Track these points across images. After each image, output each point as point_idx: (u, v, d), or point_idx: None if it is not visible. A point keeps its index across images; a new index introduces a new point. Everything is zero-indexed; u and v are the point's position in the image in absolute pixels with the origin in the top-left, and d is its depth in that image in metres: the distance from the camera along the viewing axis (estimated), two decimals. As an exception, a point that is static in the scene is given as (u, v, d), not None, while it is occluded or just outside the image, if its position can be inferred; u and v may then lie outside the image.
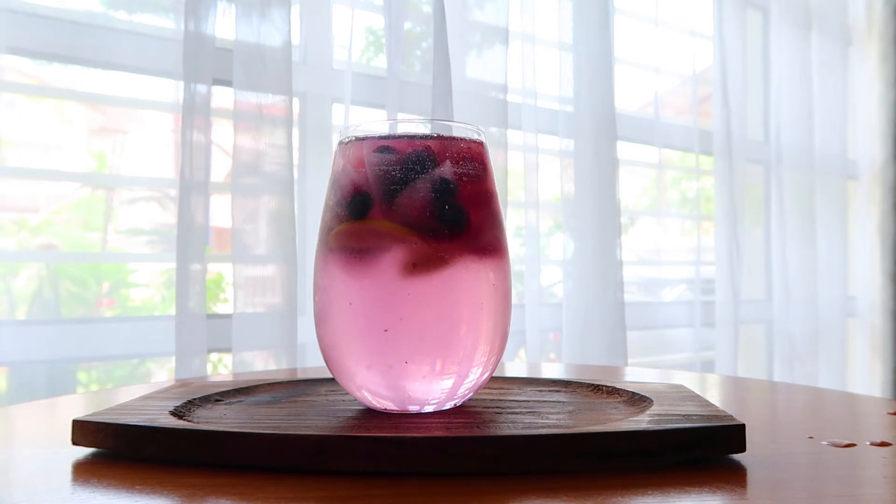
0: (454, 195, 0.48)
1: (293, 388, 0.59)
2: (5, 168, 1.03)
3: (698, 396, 0.50)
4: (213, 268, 1.28)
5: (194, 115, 1.00)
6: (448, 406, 0.49)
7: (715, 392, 0.70)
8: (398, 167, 0.47)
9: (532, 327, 1.39)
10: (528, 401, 0.52)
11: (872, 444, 0.45)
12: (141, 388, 0.67)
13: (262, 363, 1.05)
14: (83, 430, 0.44)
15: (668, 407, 0.46)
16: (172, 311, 1.02)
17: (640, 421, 0.42)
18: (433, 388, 0.47)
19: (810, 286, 1.90)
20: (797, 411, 0.63)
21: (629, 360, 1.49)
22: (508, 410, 0.49)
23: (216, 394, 0.54)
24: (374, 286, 0.46)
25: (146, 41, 1.10)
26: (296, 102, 1.22)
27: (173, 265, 1.01)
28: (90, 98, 1.16)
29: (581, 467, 0.39)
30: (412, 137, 0.48)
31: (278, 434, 0.40)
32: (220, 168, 1.16)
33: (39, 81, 1.14)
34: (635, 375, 0.82)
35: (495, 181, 0.52)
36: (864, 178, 2.18)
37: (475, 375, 0.48)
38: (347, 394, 0.54)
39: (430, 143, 0.48)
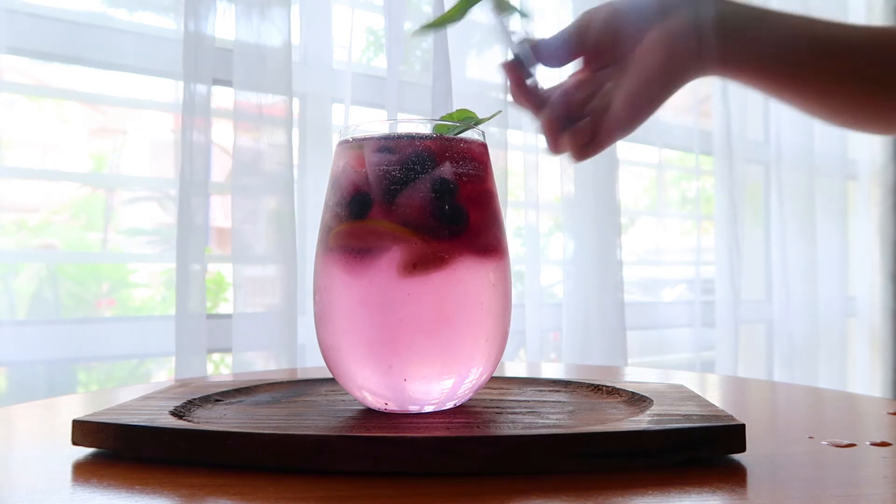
0: (454, 195, 0.48)
1: (293, 388, 0.59)
2: (5, 168, 1.03)
3: (698, 396, 0.50)
4: (215, 268, 1.28)
5: (194, 115, 1.00)
6: (448, 406, 0.49)
7: (715, 392, 0.70)
8: (398, 167, 0.47)
9: (532, 327, 1.39)
10: (528, 401, 0.52)
11: (872, 444, 0.45)
12: (141, 388, 0.67)
13: (262, 363, 1.05)
14: (83, 430, 0.44)
15: (668, 407, 0.46)
16: (172, 311, 1.02)
17: (640, 421, 0.42)
18: (433, 388, 0.47)
19: (810, 286, 1.90)
20: (797, 411, 0.63)
21: (629, 360, 1.49)
22: (508, 410, 0.49)
23: (216, 394, 0.54)
24: (374, 286, 0.46)
25: (146, 41, 1.10)
26: (296, 102, 1.22)
27: (173, 265, 1.01)
28: (90, 98, 1.16)
29: (581, 467, 0.39)
30: (412, 137, 0.48)
31: (278, 434, 0.40)
32: (220, 168, 1.16)
33: (39, 81, 1.14)
34: (635, 375, 0.82)
35: (495, 181, 0.52)
36: (864, 179, 2.18)
37: (475, 375, 0.48)
38: (347, 394, 0.54)
39: (430, 143, 0.48)
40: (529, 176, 1.40)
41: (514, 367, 0.95)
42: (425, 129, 0.51)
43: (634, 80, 0.60)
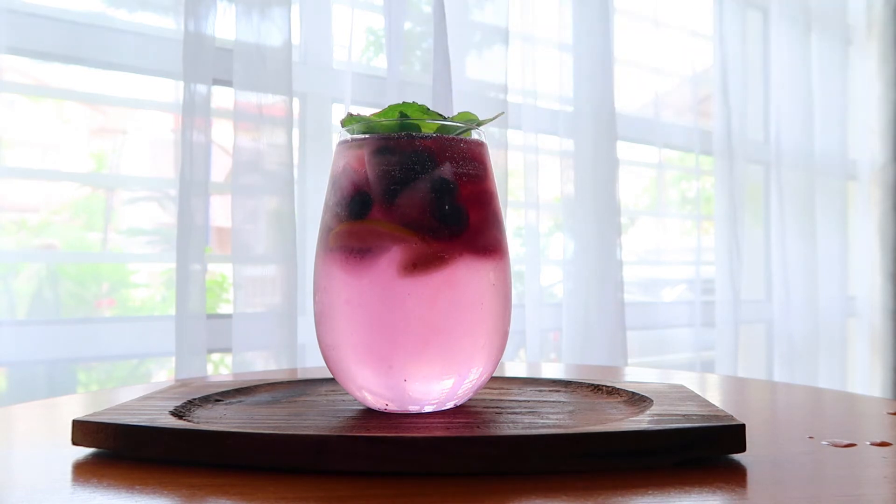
0: (454, 195, 0.48)
1: (293, 388, 0.59)
2: (5, 168, 1.03)
3: (698, 396, 0.50)
4: (217, 269, 1.28)
5: (194, 115, 1.00)
6: (448, 406, 0.49)
7: (715, 392, 0.70)
8: (398, 167, 0.47)
9: (532, 327, 1.39)
10: (528, 401, 0.52)
11: (872, 444, 0.45)
12: (141, 388, 0.67)
13: (262, 363, 1.05)
14: (83, 430, 0.44)
15: (668, 407, 0.46)
16: (172, 311, 1.02)
17: (640, 421, 0.42)
18: (433, 388, 0.47)
19: (810, 286, 1.90)
20: (797, 411, 0.63)
21: (629, 360, 1.49)
22: (508, 410, 0.49)
23: (216, 394, 0.54)
24: (374, 286, 0.46)
25: (146, 41, 1.10)
26: (296, 102, 1.22)
27: (173, 265, 1.01)
28: (90, 98, 1.16)
29: (581, 467, 0.39)
30: (412, 137, 0.48)
31: (278, 434, 0.40)
32: (220, 168, 1.16)
33: (39, 81, 1.14)
34: (635, 375, 0.82)
35: (495, 181, 0.52)
36: (864, 179, 2.18)
37: (475, 375, 0.48)
38: (347, 394, 0.54)
39: (430, 142, 0.48)
40: (529, 176, 1.40)
41: (514, 367, 0.95)
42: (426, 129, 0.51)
43: None
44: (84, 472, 0.40)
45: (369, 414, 0.48)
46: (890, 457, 0.42)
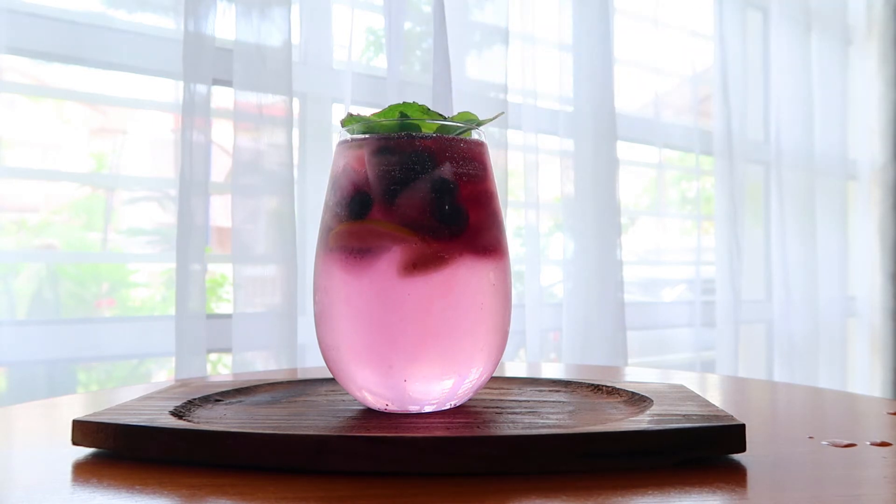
0: (454, 195, 0.48)
1: (293, 388, 0.59)
2: (5, 168, 1.03)
3: (698, 396, 0.50)
4: (218, 268, 1.28)
5: (194, 115, 1.00)
6: (448, 406, 0.49)
7: (715, 392, 0.70)
8: (398, 167, 0.47)
9: (532, 327, 1.39)
10: (528, 401, 0.52)
11: (872, 444, 0.45)
12: (141, 388, 0.67)
13: (262, 363, 1.05)
14: (83, 430, 0.44)
15: (668, 407, 0.46)
16: (172, 311, 1.02)
17: (640, 421, 0.42)
18: (433, 387, 0.47)
19: (810, 286, 1.90)
20: (797, 411, 0.63)
21: (629, 360, 1.49)
22: (508, 410, 0.49)
23: (216, 394, 0.54)
24: (374, 286, 0.46)
25: (146, 41, 1.10)
26: (296, 102, 1.22)
27: (173, 265, 1.01)
28: (90, 98, 1.16)
29: (581, 467, 0.39)
30: (412, 137, 0.48)
31: (278, 434, 0.40)
32: (220, 168, 1.16)
33: (39, 81, 1.14)
34: (635, 375, 0.82)
35: (495, 181, 0.52)
36: (864, 178, 2.18)
37: (475, 375, 0.48)
38: (347, 394, 0.54)
39: (430, 142, 0.48)
40: (529, 176, 1.40)
41: (514, 367, 0.95)
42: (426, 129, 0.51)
43: None
44: (84, 472, 0.40)
45: (369, 414, 0.48)
46: (890, 457, 0.42)
